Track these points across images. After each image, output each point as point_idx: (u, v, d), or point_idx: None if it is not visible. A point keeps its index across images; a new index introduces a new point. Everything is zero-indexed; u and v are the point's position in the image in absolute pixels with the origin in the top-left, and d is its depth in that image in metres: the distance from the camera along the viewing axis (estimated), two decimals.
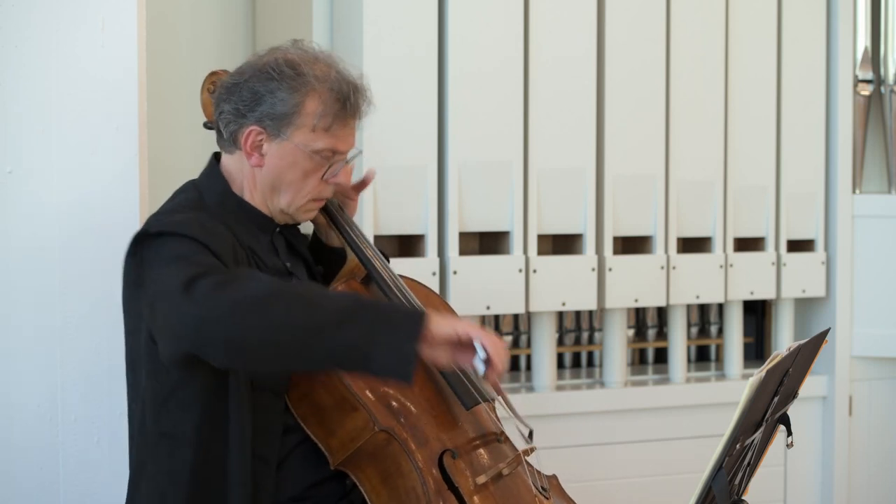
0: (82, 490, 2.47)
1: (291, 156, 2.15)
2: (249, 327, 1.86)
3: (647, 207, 3.51)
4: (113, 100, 2.49)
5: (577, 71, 3.39)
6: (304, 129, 2.13)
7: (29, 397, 2.43)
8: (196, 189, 2.23)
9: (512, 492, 2.17)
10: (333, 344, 1.88)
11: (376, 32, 3.12)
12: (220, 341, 1.88)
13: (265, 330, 1.86)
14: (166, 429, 2.08)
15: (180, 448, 2.06)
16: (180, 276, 1.89)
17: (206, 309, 1.86)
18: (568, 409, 3.45)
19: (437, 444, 2.12)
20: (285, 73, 2.12)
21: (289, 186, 2.17)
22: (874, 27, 3.89)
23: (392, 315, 1.93)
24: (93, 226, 2.48)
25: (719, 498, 1.81)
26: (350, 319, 1.88)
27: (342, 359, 1.91)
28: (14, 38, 2.41)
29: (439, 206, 3.22)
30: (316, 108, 2.13)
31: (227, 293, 1.86)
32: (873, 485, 3.95)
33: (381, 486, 2.09)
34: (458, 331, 1.95)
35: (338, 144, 2.17)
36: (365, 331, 1.88)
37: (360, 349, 1.88)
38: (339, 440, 2.10)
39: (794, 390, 2.10)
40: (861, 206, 3.87)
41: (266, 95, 2.12)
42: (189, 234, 2.00)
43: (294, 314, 1.88)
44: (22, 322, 2.43)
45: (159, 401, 2.08)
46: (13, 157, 2.41)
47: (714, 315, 3.87)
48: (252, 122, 2.14)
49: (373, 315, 1.90)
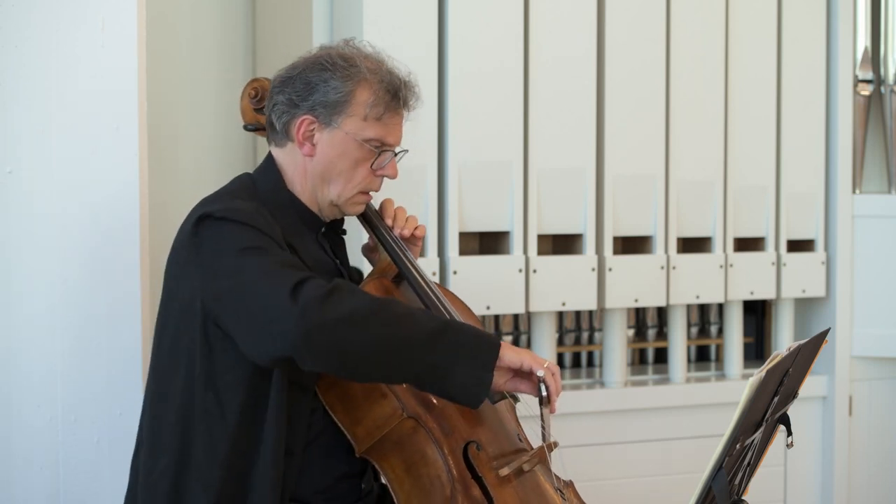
0: (82, 490, 2.47)
1: (342, 144, 2.20)
2: (354, 341, 1.96)
3: (647, 207, 3.51)
4: (113, 100, 2.49)
5: (577, 71, 3.39)
6: (356, 118, 2.19)
7: (29, 397, 2.43)
8: (251, 179, 2.28)
9: (532, 487, 2.19)
10: (422, 362, 1.99)
11: (376, 32, 3.12)
12: (324, 352, 1.96)
13: (367, 344, 1.97)
14: (211, 406, 2.11)
15: (224, 425, 2.09)
16: (284, 278, 1.97)
17: (316, 320, 1.94)
18: (568, 409, 3.44)
19: (463, 435, 2.15)
20: (338, 64, 2.19)
21: (339, 176, 2.21)
22: (874, 27, 3.89)
23: (475, 341, 2.03)
24: (93, 226, 2.48)
25: (719, 498, 1.81)
26: (440, 340, 2.00)
27: (425, 377, 2.02)
28: (14, 38, 2.41)
29: (439, 206, 3.22)
30: (367, 98, 2.19)
31: (334, 306, 1.96)
32: (873, 485, 3.95)
33: (405, 474, 2.12)
34: (523, 362, 2.08)
35: (387, 136, 2.23)
36: (451, 353, 2.00)
37: (444, 370, 1.99)
38: (365, 428, 2.14)
39: (794, 390, 2.10)
40: (861, 206, 3.87)
41: (319, 84, 2.18)
42: (254, 224, 2.07)
43: (395, 331, 1.98)
44: (22, 322, 2.43)
45: (210, 379, 2.11)
46: (13, 157, 2.42)
47: (714, 315, 3.87)
48: (305, 110, 2.19)
49: (459, 338, 2.02)
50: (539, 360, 2.10)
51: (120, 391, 2.49)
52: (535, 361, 2.09)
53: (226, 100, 3.48)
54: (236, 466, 2.10)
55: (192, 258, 2.10)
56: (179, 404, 2.13)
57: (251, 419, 2.10)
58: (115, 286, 2.50)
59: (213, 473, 2.09)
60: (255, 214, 2.09)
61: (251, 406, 2.10)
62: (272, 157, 2.28)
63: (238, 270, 2.01)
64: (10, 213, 2.42)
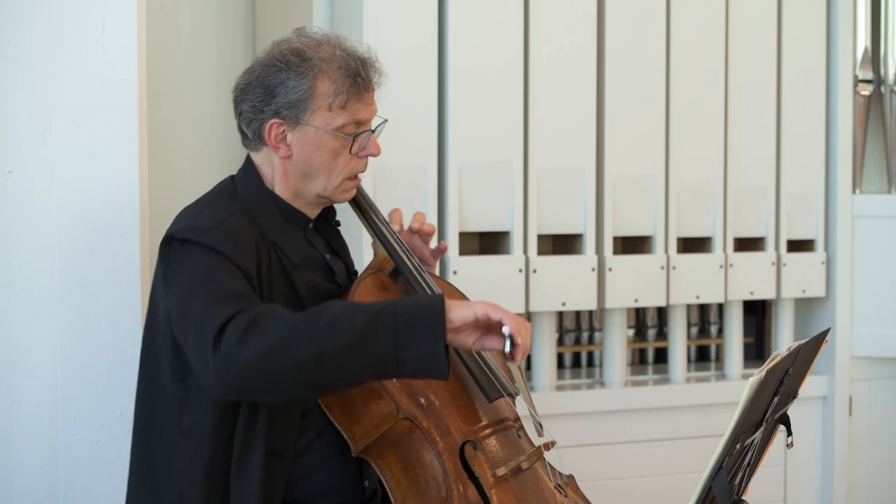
0: (82, 490, 2.47)
1: (316, 139, 2.17)
2: (284, 370, 1.92)
3: (647, 207, 3.51)
4: (113, 100, 2.49)
5: (576, 71, 3.39)
6: (322, 111, 2.16)
7: (29, 397, 2.43)
8: (233, 182, 2.27)
9: (530, 486, 2.18)
10: (366, 360, 1.94)
11: (376, 32, 3.12)
12: (262, 390, 1.95)
13: (297, 370, 1.92)
14: (187, 428, 2.11)
15: (200, 445, 2.10)
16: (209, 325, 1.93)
17: (238, 367, 1.91)
18: (568, 409, 3.45)
19: (459, 435, 2.14)
20: (291, 61, 2.16)
21: (320, 170, 2.20)
22: (874, 27, 3.89)
23: (412, 316, 1.95)
24: (93, 226, 2.47)
25: (719, 498, 1.81)
26: (374, 332, 1.93)
27: (379, 371, 1.97)
28: (14, 38, 2.41)
29: (439, 206, 3.22)
30: (328, 88, 2.15)
31: (253, 343, 1.91)
32: (873, 485, 3.95)
33: (401, 474, 2.12)
34: (476, 314, 1.98)
35: (358, 115, 2.19)
36: (391, 339, 1.93)
37: (393, 358, 1.93)
38: (362, 427, 2.13)
39: (794, 390, 2.10)
40: (861, 206, 3.87)
41: (278, 87, 2.16)
42: (214, 247, 2.04)
43: (318, 346, 1.92)
44: (22, 322, 2.43)
45: (181, 402, 2.12)
46: (13, 157, 2.41)
47: (714, 315, 3.87)
48: (270, 115, 2.17)
49: (394, 321, 1.94)
50: (499, 308, 2.01)
51: (120, 391, 2.49)
52: (492, 309, 2.00)
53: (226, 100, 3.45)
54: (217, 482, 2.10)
55: (161, 283, 2.13)
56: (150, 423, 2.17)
57: (227, 435, 2.09)
58: (115, 286, 2.50)
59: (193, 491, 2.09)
60: (215, 230, 2.07)
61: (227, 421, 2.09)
62: (250, 159, 2.26)
63: (185, 310, 2.00)
64: (10, 213, 2.42)
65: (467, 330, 1.99)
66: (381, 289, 2.26)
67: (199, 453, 2.10)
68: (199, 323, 1.96)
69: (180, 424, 2.12)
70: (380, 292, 2.25)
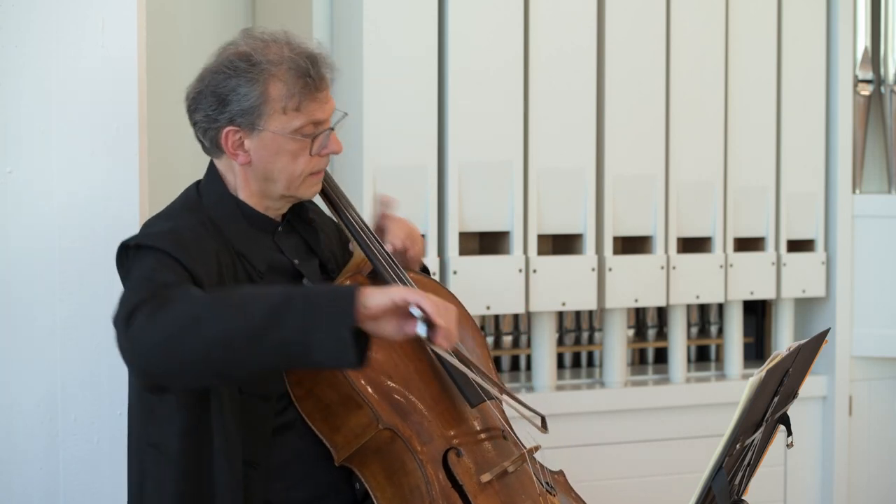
0: (82, 490, 2.47)
1: (274, 144, 2.13)
2: (186, 351, 1.86)
3: (647, 207, 3.51)
4: (113, 100, 2.49)
5: (577, 71, 3.39)
6: (276, 115, 2.11)
7: (29, 397, 2.43)
8: (197, 191, 2.24)
9: (517, 490, 2.16)
10: (273, 343, 1.86)
11: (376, 32, 3.12)
12: (169, 370, 1.89)
13: (201, 349, 1.86)
14: (154, 439, 2.09)
15: (166, 458, 2.07)
16: (126, 306, 1.90)
17: (142, 345, 1.86)
18: (568, 409, 3.45)
19: (442, 442, 2.12)
20: (240, 67, 2.11)
21: (281, 172, 2.15)
22: (874, 27, 3.89)
23: (322, 300, 1.87)
24: (93, 226, 2.47)
25: (719, 498, 1.81)
26: (284, 315, 1.85)
27: (285, 355, 1.88)
28: (14, 38, 2.41)
29: (439, 206, 3.22)
30: (280, 92, 2.11)
31: (161, 322, 1.86)
32: (873, 485, 3.95)
33: (385, 482, 2.09)
34: (393, 299, 1.88)
35: (314, 115, 2.14)
36: (299, 322, 1.85)
37: (299, 342, 1.85)
38: (343, 437, 2.10)
39: (794, 390, 2.10)
40: (861, 206, 3.87)
41: (230, 94, 2.11)
42: (162, 247, 2.01)
43: (226, 325, 1.86)
44: (22, 322, 2.43)
45: (146, 411, 2.10)
46: (13, 157, 2.41)
47: (714, 315, 3.87)
48: (225, 123, 2.13)
49: (303, 304, 1.86)
50: (418, 292, 1.92)
51: (120, 391, 2.48)
52: (411, 293, 1.90)
53: None
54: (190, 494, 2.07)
55: None
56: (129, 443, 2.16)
57: (195, 442, 2.06)
58: (115, 286, 2.49)
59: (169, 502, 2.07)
60: (165, 235, 2.04)
61: (194, 429, 2.06)
62: (214, 165, 2.23)
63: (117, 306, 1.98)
64: (9, 213, 2.41)
65: (387, 317, 1.89)
66: None
67: (167, 466, 2.07)
68: (119, 304, 1.93)
69: (147, 435, 2.10)
70: None
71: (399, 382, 2.14)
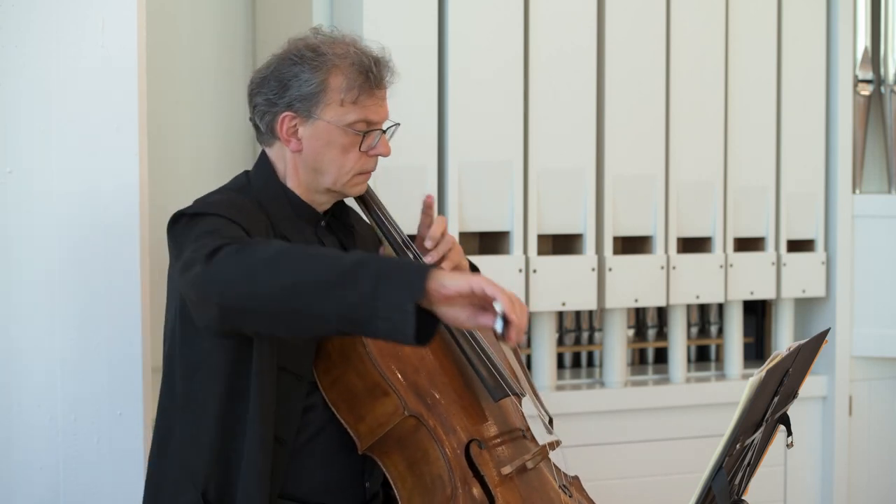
0: (82, 490, 2.47)
1: (326, 134, 2.19)
2: (259, 287, 1.90)
3: (647, 207, 3.51)
4: (113, 100, 2.49)
5: (577, 71, 3.39)
6: (333, 105, 2.18)
7: (29, 397, 2.43)
8: (246, 176, 2.29)
9: (535, 485, 2.18)
10: (337, 301, 1.86)
11: (376, 32, 3.11)
12: (235, 303, 1.92)
13: (272, 288, 1.89)
14: (194, 395, 2.13)
15: (205, 416, 2.11)
16: (207, 248, 1.95)
17: (224, 274, 1.92)
18: (568, 409, 3.45)
19: (465, 434, 2.14)
20: (306, 56, 2.18)
21: (330, 164, 2.21)
22: (874, 27, 3.89)
23: (396, 270, 1.87)
24: (93, 225, 2.48)
25: (719, 498, 1.81)
26: (356, 275, 1.85)
27: (347, 317, 1.87)
28: (14, 38, 2.41)
29: (439, 206, 3.22)
30: (340, 83, 2.17)
31: (242, 257, 1.92)
32: (873, 485, 3.95)
33: (407, 472, 2.12)
34: (472, 286, 1.85)
35: (369, 114, 2.21)
36: (371, 285, 1.84)
37: (366, 304, 1.84)
38: (367, 425, 2.13)
39: (794, 390, 2.10)
40: (861, 206, 3.87)
41: (292, 80, 2.18)
42: (219, 213, 2.08)
43: (300, 272, 1.89)
44: (22, 322, 2.43)
45: (191, 368, 2.13)
46: (13, 157, 2.42)
47: (714, 315, 3.87)
48: (283, 108, 2.19)
49: (377, 270, 1.86)
50: (493, 285, 1.87)
51: (120, 391, 2.49)
52: (490, 285, 1.86)
53: (226, 99, 3.48)
54: (222, 454, 2.10)
55: (172, 257, 2.14)
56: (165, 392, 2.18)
57: (233, 407, 2.10)
58: (115, 286, 2.50)
59: (198, 461, 2.10)
60: (224, 203, 2.12)
61: (234, 392, 2.10)
62: (265, 154, 2.29)
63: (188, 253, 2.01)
64: (10, 213, 2.42)
65: (462, 303, 1.87)
66: None
67: (205, 424, 2.11)
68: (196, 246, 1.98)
69: (188, 391, 2.13)
70: None
71: (425, 374, 2.16)
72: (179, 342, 2.14)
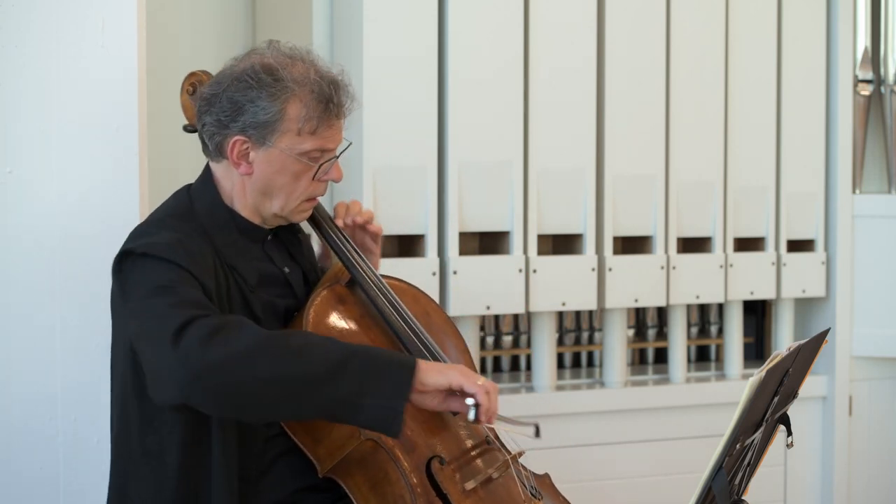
0: (82, 490, 2.47)
1: (279, 161, 2.12)
2: (242, 382, 1.87)
3: (647, 207, 3.51)
4: (113, 100, 2.49)
5: (577, 71, 3.39)
6: (290, 134, 2.10)
7: (29, 398, 2.43)
8: (188, 196, 2.21)
9: (502, 496, 2.16)
10: (325, 397, 1.91)
11: (376, 32, 3.12)
12: (210, 397, 1.89)
13: (256, 386, 1.88)
14: (151, 448, 2.08)
15: (164, 468, 2.06)
16: (169, 322, 1.88)
17: (195, 365, 1.85)
18: (568, 409, 3.45)
19: (426, 451, 2.12)
20: (263, 80, 2.08)
21: (280, 191, 2.15)
22: (874, 27, 3.89)
23: (384, 367, 1.94)
24: (92, 226, 2.47)
25: (719, 498, 1.81)
26: (342, 372, 1.90)
27: (333, 411, 1.94)
28: (14, 38, 2.41)
29: (439, 206, 3.22)
30: (299, 113, 2.09)
31: (216, 347, 1.86)
32: (873, 485, 3.95)
33: (369, 492, 2.09)
34: (451, 382, 1.98)
35: (325, 143, 2.14)
36: (356, 384, 1.91)
37: (352, 403, 1.91)
38: (326, 448, 2.10)
39: (794, 390, 2.10)
40: (861, 206, 3.87)
41: (247, 105, 2.09)
42: (173, 260, 2.00)
43: (286, 369, 1.89)
44: (22, 322, 2.43)
45: (146, 419, 2.08)
46: (13, 157, 2.41)
47: (714, 315, 3.87)
48: (236, 132, 2.11)
49: (363, 368, 1.92)
50: (471, 378, 1.99)
51: None
52: (466, 379, 1.98)
53: None
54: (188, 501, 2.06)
55: (119, 298, 2.07)
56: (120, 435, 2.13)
57: (195, 455, 2.06)
58: None
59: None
60: (175, 247, 2.01)
61: (194, 442, 2.06)
62: (209, 169, 2.21)
63: (142, 311, 1.95)
64: (10, 213, 2.42)
65: (435, 394, 1.99)
66: (338, 301, 2.22)
67: (164, 477, 2.06)
68: (158, 320, 1.90)
69: (143, 443, 2.08)
70: (336, 305, 2.21)
71: None
72: (133, 390, 2.08)
